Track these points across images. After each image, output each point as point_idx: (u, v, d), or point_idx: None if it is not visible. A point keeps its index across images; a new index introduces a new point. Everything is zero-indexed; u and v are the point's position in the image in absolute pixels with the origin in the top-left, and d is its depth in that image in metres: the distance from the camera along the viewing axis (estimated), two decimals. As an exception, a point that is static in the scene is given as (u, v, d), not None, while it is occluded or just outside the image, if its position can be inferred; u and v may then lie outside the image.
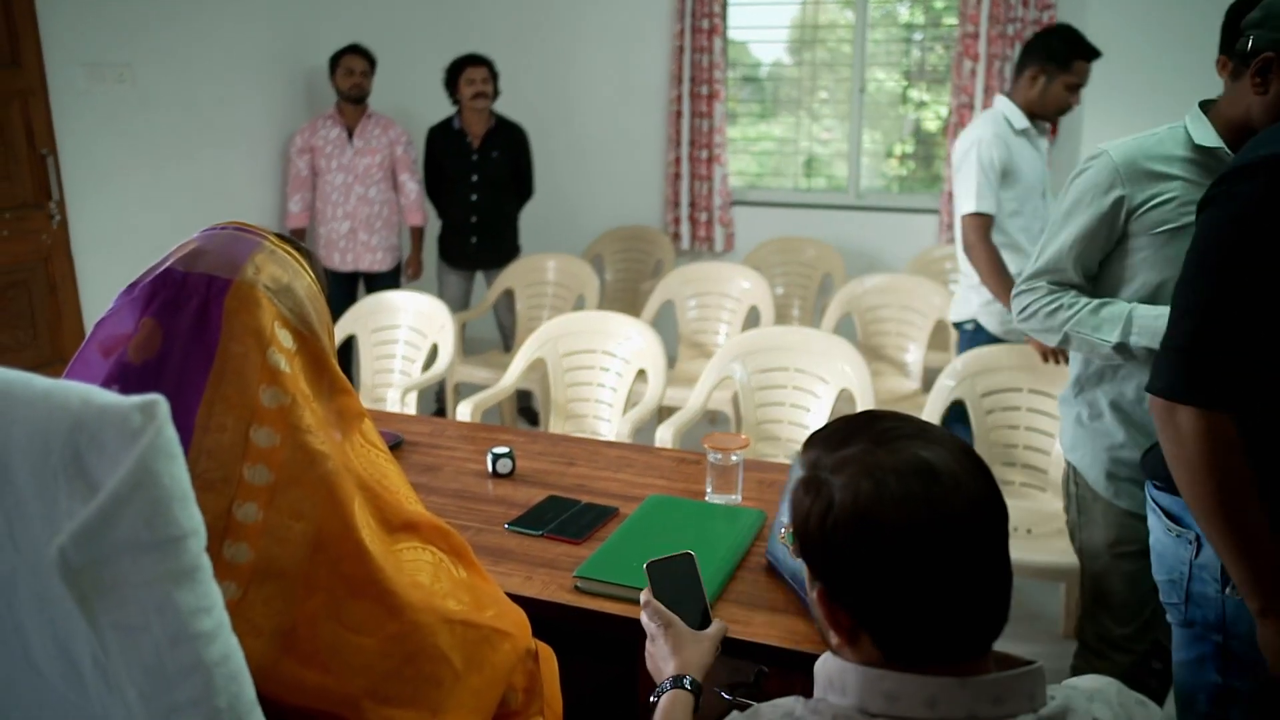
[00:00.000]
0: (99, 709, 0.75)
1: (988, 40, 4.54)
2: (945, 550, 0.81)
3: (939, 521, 0.81)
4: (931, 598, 0.82)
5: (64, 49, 3.54)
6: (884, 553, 0.82)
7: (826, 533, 0.84)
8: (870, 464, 0.84)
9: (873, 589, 0.83)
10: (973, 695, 0.82)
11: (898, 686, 0.84)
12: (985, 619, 0.85)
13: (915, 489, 0.82)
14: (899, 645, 0.85)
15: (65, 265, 3.61)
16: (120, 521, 0.65)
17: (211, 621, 0.71)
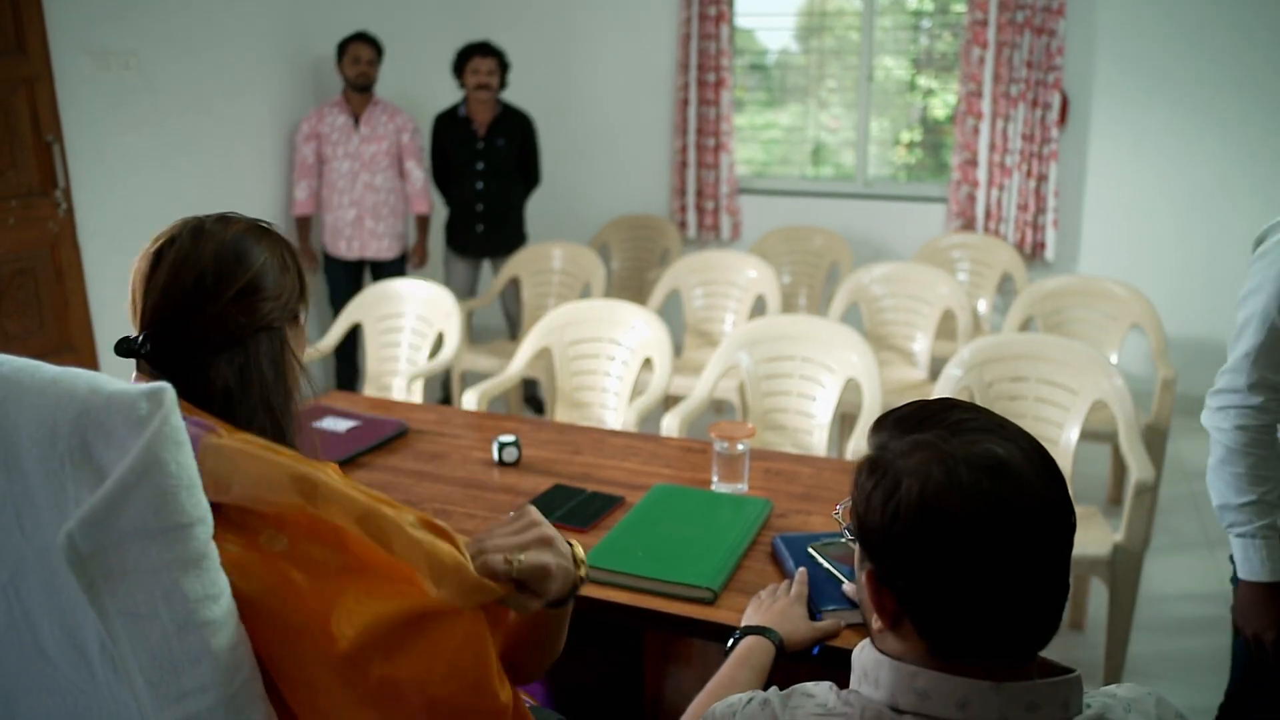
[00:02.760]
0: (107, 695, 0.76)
1: (997, 27, 4.52)
2: (1005, 549, 0.80)
3: (1004, 519, 0.80)
4: (983, 595, 0.81)
5: (69, 36, 3.53)
6: (944, 543, 0.81)
7: (889, 515, 0.83)
8: (943, 452, 0.83)
9: (925, 577, 0.82)
10: (1006, 700, 0.82)
11: (931, 685, 0.83)
12: (1034, 624, 0.84)
13: (985, 483, 0.81)
14: (942, 638, 0.84)
15: (71, 253, 3.62)
16: (128, 509, 0.65)
17: (218, 609, 0.71)
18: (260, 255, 1.10)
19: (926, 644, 0.85)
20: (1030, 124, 4.56)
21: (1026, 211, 4.65)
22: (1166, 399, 3.16)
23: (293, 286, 1.14)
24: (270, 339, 1.10)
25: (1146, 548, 2.56)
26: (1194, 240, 4.48)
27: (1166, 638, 2.78)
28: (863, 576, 0.89)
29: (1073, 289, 3.59)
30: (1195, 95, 4.35)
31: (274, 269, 1.11)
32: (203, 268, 1.06)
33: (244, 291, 1.07)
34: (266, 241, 1.13)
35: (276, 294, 1.11)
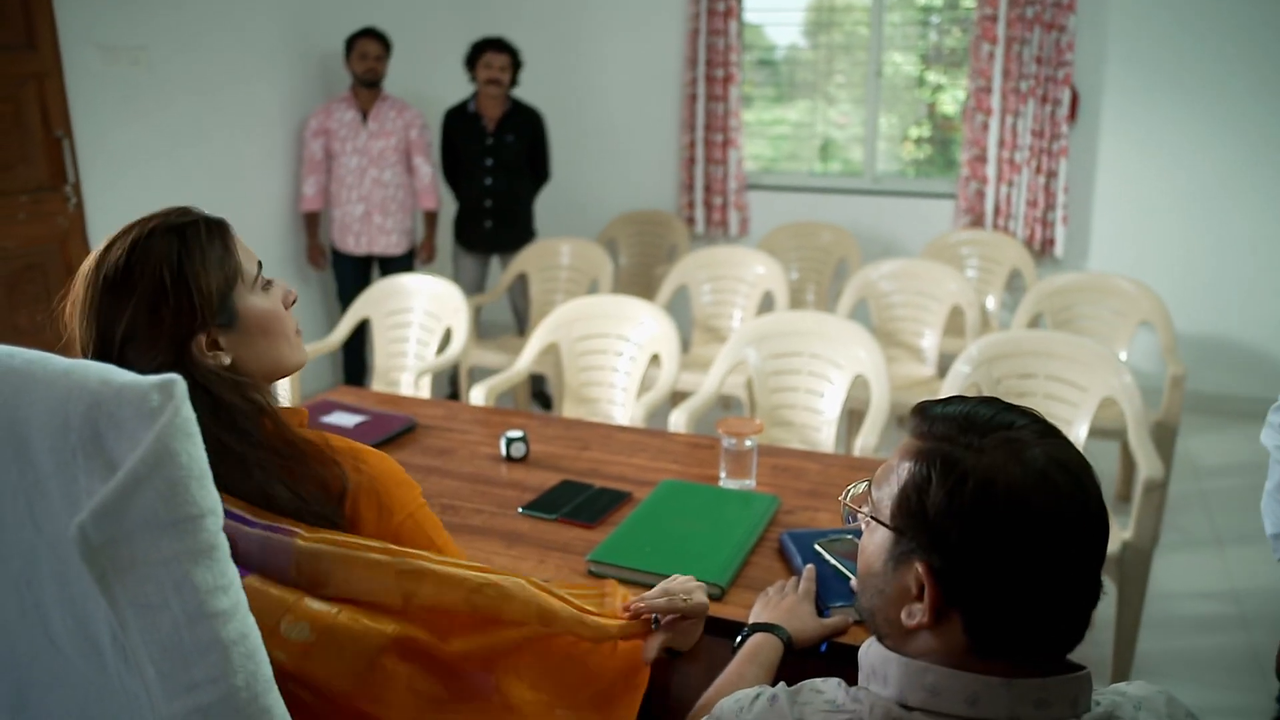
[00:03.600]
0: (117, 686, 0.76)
1: (1006, 23, 4.50)
2: (1072, 548, 0.82)
3: (1077, 518, 0.83)
4: (1044, 592, 0.82)
5: (79, 32, 3.54)
6: (1021, 538, 0.81)
7: (970, 514, 0.82)
8: (1018, 448, 0.84)
9: (1000, 576, 0.82)
10: (1016, 697, 0.82)
11: (941, 681, 0.84)
12: (1075, 624, 0.85)
13: (1063, 481, 0.83)
14: (991, 635, 0.84)
15: (81, 247, 3.63)
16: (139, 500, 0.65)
17: (229, 600, 0.71)
18: (134, 289, 1.04)
19: (968, 641, 0.84)
20: (1040, 120, 4.54)
21: (1036, 208, 4.63)
22: (1176, 396, 3.15)
23: (180, 306, 1.05)
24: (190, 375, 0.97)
25: (1155, 545, 2.55)
26: (1204, 237, 4.46)
27: (1175, 636, 2.78)
28: (908, 572, 0.87)
29: (1082, 285, 3.57)
30: (1206, 91, 4.33)
31: (151, 301, 1.04)
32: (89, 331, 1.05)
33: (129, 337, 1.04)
34: (145, 264, 1.06)
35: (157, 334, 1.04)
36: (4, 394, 0.72)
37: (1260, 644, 2.71)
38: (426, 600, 1.04)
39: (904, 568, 0.87)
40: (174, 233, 1.09)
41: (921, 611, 0.86)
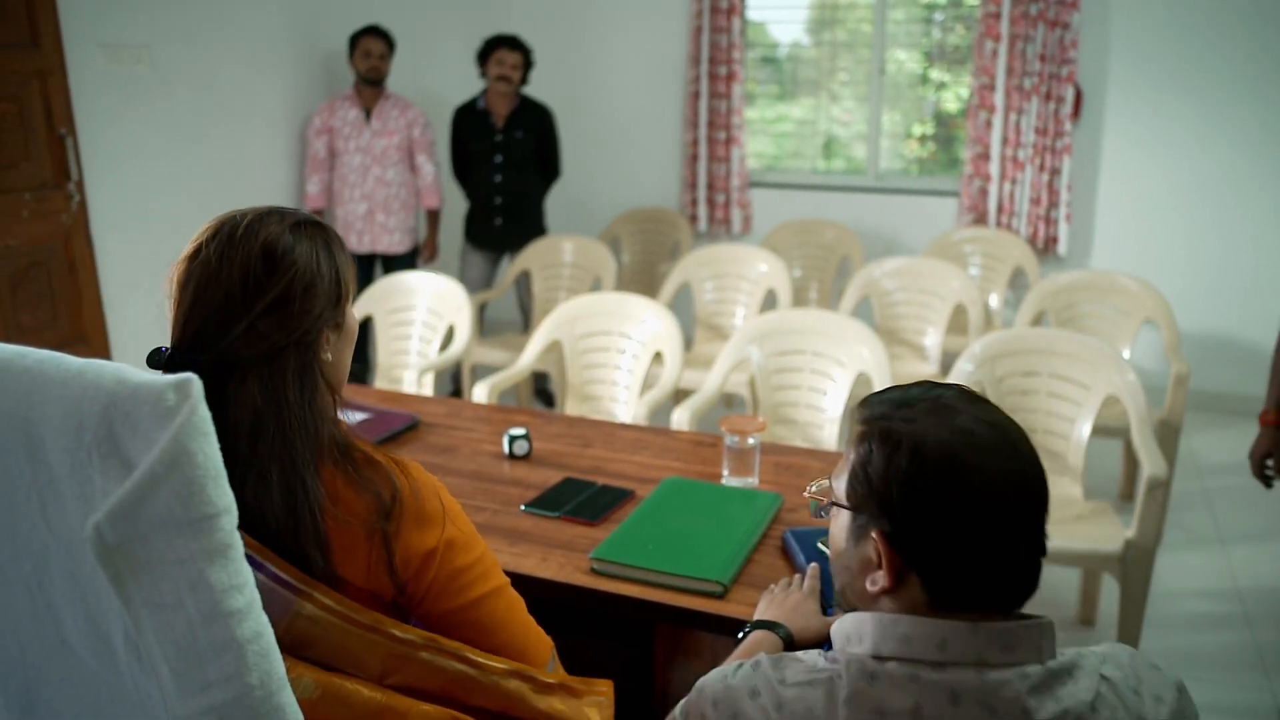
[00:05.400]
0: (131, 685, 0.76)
1: (1010, 20, 4.49)
2: (1012, 500, 0.89)
3: (1014, 473, 0.90)
4: (990, 544, 0.88)
5: (82, 30, 3.54)
6: (964, 496, 0.88)
7: (910, 475, 0.89)
8: (946, 413, 0.92)
9: (943, 531, 0.89)
10: (983, 640, 0.87)
11: (912, 629, 0.89)
12: (1025, 575, 0.91)
13: (989, 437, 0.90)
14: (947, 589, 0.90)
15: (84, 245, 3.63)
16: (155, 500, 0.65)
17: (243, 599, 0.71)
18: (294, 262, 1.06)
19: (928, 598, 0.91)
20: (1043, 117, 4.54)
21: (1039, 206, 4.63)
22: (1179, 394, 3.15)
23: (329, 295, 1.10)
24: (300, 355, 1.06)
25: (1158, 544, 2.55)
26: (1208, 235, 4.45)
27: (1178, 634, 2.78)
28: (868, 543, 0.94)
29: (1085, 284, 3.57)
30: (1210, 89, 4.32)
31: (309, 276, 1.07)
32: (230, 283, 1.03)
33: (274, 306, 1.04)
34: (305, 244, 1.08)
35: (308, 308, 1.07)
36: (16, 394, 0.72)
37: (1263, 642, 2.71)
38: (402, 681, 1.06)
39: (863, 541, 0.95)
40: (318, 228, 1.12)
41: (883, 576, 0.93)
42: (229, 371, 1.03)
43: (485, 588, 1.16)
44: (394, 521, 1.07)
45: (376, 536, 1.06)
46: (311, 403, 1.07)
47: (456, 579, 1.13)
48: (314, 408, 1.07)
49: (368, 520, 1.06)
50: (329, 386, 1.11)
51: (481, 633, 1.14)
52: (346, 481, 1.07)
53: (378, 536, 1.06)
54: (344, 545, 1.06)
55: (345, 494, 1.07)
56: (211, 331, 1.03)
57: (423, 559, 1.09)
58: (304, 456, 1.04)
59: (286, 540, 1.02)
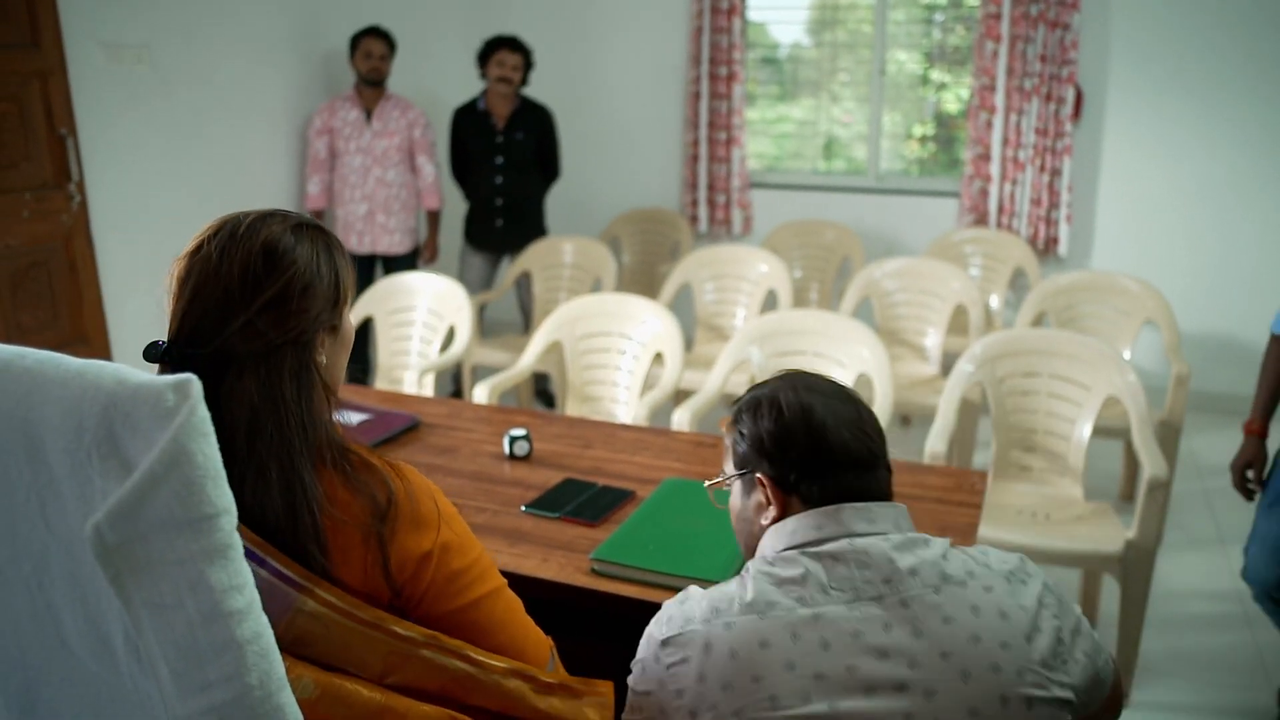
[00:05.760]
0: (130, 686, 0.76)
1: (1010, 21, 4.49)
2: (846, 420, 1.18)
3: (841, 405, 1.20)
4: (843, 456, 1.16)
5: (83, 29, 3.54)
6: (818, 429, 1.17)
7: (773, 424, 1.18)
8: (791, 379, 1.24)
9: (806, 456, 1.17)
10: (849, 517, 1.13)
11: (795, 525, 1.15)
12: (867, 470, 1.18)
13: (827, 388, 1.23)
14: (818, 496, 1.16)
15: (85, 245, 3.63)
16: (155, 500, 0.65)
17: (243, 599, 0.71)
18: (294, 262, 1.07)
19: (805, 508, 1.16)
20: (1044, 118, 4.54)
21: (1039, 206, 4.63)
22: (1180, 395, 3.15)
23: (327, 297, 1.10)
24: (296, 354, 1.07)
25: (1159, 544, 2.55)
26: (1208, 236, 4.45)
27: (1179, 635, 2.78)
28: (756, 490, 1.20)
29: (1086, 284, 3.57)
30: (1210, 90, 4.32)
31: (308, 276, 1.08)
32: (230, 278, 1.03)
33: (272, 303, 1.05)
34: (306, 245, 1.09)
35: (305, 307, 1.07)
36: (16, 394, 0.72)
37: (1264, 643, 2.71)
38: (403, 680, 1.05)
39: (753, 491, 1.21)
40: (319, 231, 1.13)
41: (772, 509, 1.18)
42: (225, 367, 1.03)
43: (482, 589, 1.16)
44: (389, 524, 1.07)
45: (372, 539, 1.06)
46: (308, 402, 1.07)
47: (453, 581, 1.13)
48: (311, 407, 1.07)
49: (364, 523, 1.06)
50: (326, 387, 1.11)
51: (480, 634, 1.14)
52: (342, 484, 1.07)
53: (373, 540, 1.06)
54: (340, 548, 1.05)
55: (341, 496, 1.07)
56: (209, 326, 1.03)
57: (418, 562, 1.09)
58: (302, 454, 1.04)
59: (286, 538, 1.02)
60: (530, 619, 1.24)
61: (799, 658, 1.04)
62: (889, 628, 1.05)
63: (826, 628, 1.05)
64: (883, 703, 1.02)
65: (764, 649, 1.05)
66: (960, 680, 1.03)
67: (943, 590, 1.07)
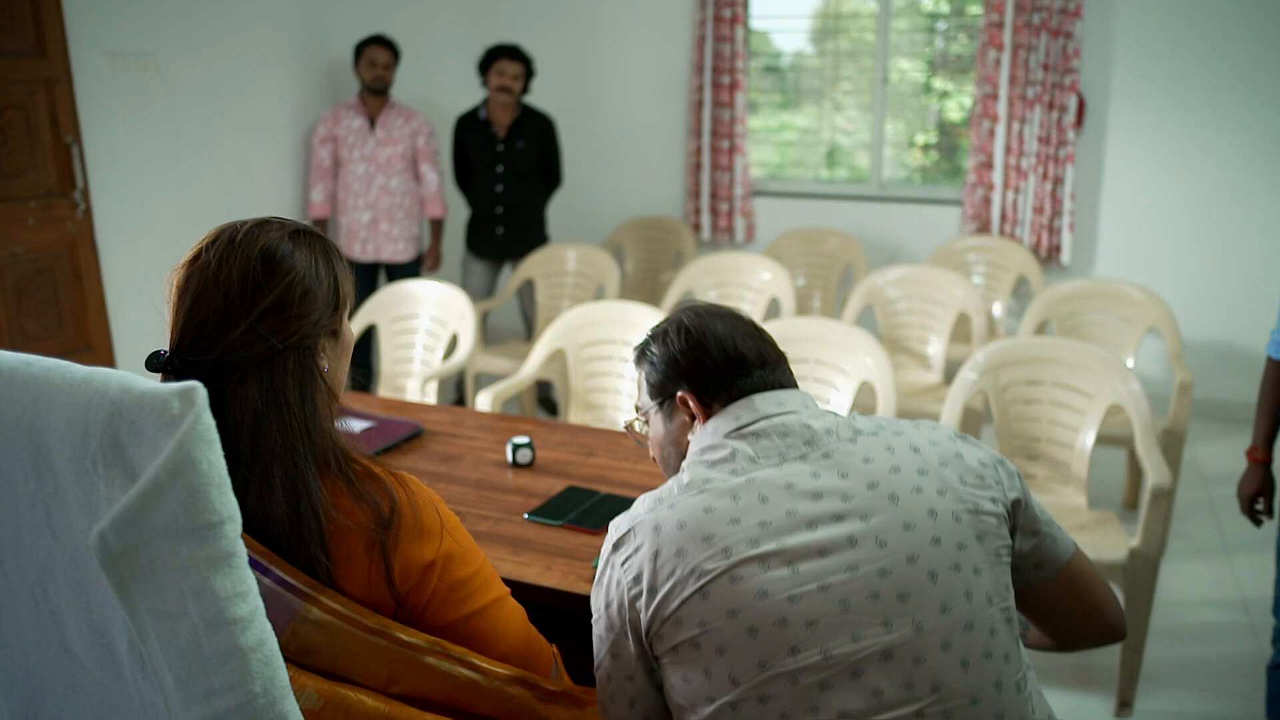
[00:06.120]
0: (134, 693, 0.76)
1: (1013, 30, 4.50)
2: (741, 329, 1.32)
3: (748, 326, 1.33)
4: (742, 355, 1.28)
5: (89, 38, 3.56)
6: (715, 339, 1.29)
7: (682, 344, 1.30)
8: (691, 309, 1.35)
9: (718, 366, 1.28)
10: (761, 403, 1.25)
11: (718, 423, 1.25)
12: (767, 366, 1.30)
13: (725, 310, 1.35)
14: (735, 394, 1.26)
15: (89, 253, 3.64)
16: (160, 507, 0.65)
17: (247, 607, 0.71)
18: (293, 267, 1.07)
19: (721, 406, 1.27)
20: (1046, 127, 4.54)
21: (1042, 214, 4.63)
22: (1183, 403, 3.14)
23: (327, 302, 1.10)
24: (298, 359, 1.07)
25: (1163, 553, 2.54)
26: (1211, 244, 4.45)
27: (1183, 644, 2.77)
28: (678, 411, 1.31)
29: (1089, 292, 3.57)
30: (1213, 98, 4.33)
31: (307, 281, 1.08)
32: (229, 285, 1.04)
33: (272, 308, 1.05)
34: (304, 251, 1.09)
35: (305, 311, 1.07)
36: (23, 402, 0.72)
37: (1269, 652, 2.70)
38: (407, 688, 1.05)
39: (675, 413, 1.32)
40: (316, 238, 1.14)
41: (698, 423, 1.28)
42: (228, 374, 1.03)
43: (485, 599, 1.16)
44: (392, 534, 1.07)
45: (375, 549, 1.06)
46: (312, 406, 1.07)
47: (456, 591, 1.13)
48: (314, 411, 1.07)
49: (367, 532, 1.06)
50: (329, 392, 1.11)
51: (484, 643, 1.14)
52: (346, 492, 1.07)
53: (376, 549, 1.06)
54: (344, 557, 1.05)
55: (345, 504, 1.07)
56: (210, 334, 1.03)
57: (421, 572, 1.09)
58: (306, 459, 1.04)
59: (290, 544, 1.02)
60: (534, 628, 1.24)
61: (741, 513, 1.13)
62: (817, 475, 1.16)
63: (761, 486, 1.15)
64: (826, 532, 1.11)
65: (708, 513, 1.14)
66: (890, 502, 1.13)
67: (858, 440, 1.20)
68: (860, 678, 1.06)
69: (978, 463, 1.20)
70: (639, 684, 1.17)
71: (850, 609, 1.08)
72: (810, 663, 1.06)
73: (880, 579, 1.09)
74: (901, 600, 1.08)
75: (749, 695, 1.07)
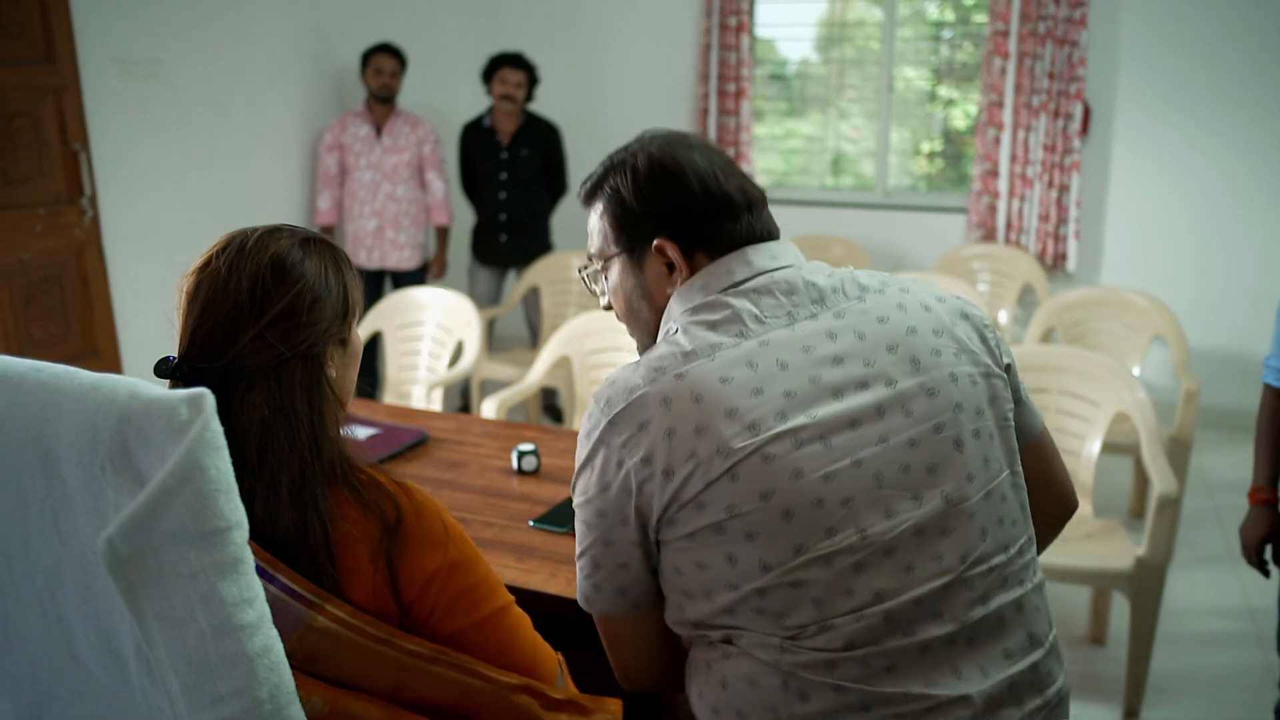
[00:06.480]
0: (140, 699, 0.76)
1: (1018, 38, 4.51)
2: (731, 172, 1.17)
3: (721, 158, 1.18)
4: (741, 203, 1.15)
5: (97, 46, 3.58)
6: (698, 170, 1.15)
7: (652, 178, 1.15)
8: (645, 139, 1.20)
9: (698, 200, 1.14)
10: (756, 257, 1.13)
11: (706, 277, 1.13)
12: (754, 212, 1.18)
13: (691, 137, 1.19)
14: (720, 241, 1.14)
15: (97, 259, 3.66)
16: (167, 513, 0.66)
17: (254, 613, 0.71)
18: (303, 275, 1.07)
19: (707, 258, 1.14)
20: (1052, 134, 4.54)
21: (1048, 222, 4.63)
22: (1190, 411, 3.14)
23: (336, 310, 1.10)
24: (307, 367, 1.07)
25: (1169, 562, 2.54)
26: (1217, 251, 4.45)
27: (1189, 653, 2.76)
28: (652, 260, 1.17)
29: (1094, 300, 3.57)
30: (1219, 107, 4.32)
31: (316, 289, 1.08)
32: (239, 292, 1.04)
33: (281, 316, 1.05)
34: (314, 259, 1.09)
35: (314, 320, 1.07)
36: (32, 408, 0.72)
37: (1275, 662, 2.69)
38: (413, 696, 1.05)
39: (646, 263, 1.18)
40: (326, 246, 1.14)
41: (680, 272, 1.15)
42: (235, 381, 1.04)
43: (490, 607, 1.16)
44: (397, 543, 1.07)
45: (380, 558, 1.06)
46: (319, 415, 1.07)
47: (461, 599, 1.13)
48: (322, 420, 1.07)
49: (372, 541, 1.06)
50: (336, 401, 1.12)
51: (489, 651, 1.14)
52: (351, 501, 1.07)
53: (381, 558, 1.06)
54: (349, 566, 1.05)
55: (350, 513, 1.07)
56: (219, 341, 1.04)
57: (426, 580, 1.09)
58: (313, 468, 1.05)
59: (296, 552, 1.02)
60: (539, 635, 1.24)
61: (763, 382, 1.03)
62: (834, 337, 1.08)
63: (778, 350, 1.06)
64: (854, 401, 1.04)
65: (726, 384, 1.03)
66: (912, 367, 1.07)
67: (866, 298, 1.12)
68: (893, 555, 1.02)
69: (981, 322, 1.15)
70: (633, 572, 1.11)
71: (884, 484, 1.02)
72: (847, 544, 1.01)
73: (910, 450, 1.04)
74: (930, 472, 1.04)
75: (780, 581, 1.01)
